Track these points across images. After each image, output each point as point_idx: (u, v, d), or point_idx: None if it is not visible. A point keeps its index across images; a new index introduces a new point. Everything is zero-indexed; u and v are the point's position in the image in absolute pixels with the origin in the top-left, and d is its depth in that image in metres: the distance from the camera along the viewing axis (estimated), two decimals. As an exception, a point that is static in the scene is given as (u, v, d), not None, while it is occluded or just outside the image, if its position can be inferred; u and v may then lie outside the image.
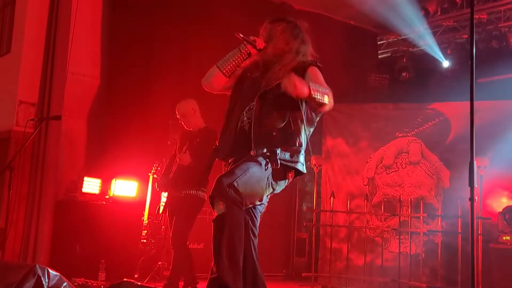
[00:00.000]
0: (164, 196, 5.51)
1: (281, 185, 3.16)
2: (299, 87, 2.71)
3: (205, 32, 7.27)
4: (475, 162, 2.63)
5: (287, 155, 3.07)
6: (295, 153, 3.10)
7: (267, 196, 3.17)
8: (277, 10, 8.01)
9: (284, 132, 3.07)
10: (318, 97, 2.80)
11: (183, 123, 5.42)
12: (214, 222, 2.91)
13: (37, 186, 6.08)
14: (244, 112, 3.14)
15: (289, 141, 3.08)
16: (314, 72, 3.12)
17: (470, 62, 2.56)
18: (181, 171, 5.17)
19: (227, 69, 3.20)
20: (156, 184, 5.53)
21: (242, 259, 2.92)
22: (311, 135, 3.24)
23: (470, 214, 2.55)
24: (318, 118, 3.26)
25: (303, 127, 3.12)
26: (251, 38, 3.16)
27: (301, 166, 3.15)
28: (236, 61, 3.19)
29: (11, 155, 5.92)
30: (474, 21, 2.71)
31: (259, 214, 3.24)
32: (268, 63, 3.22)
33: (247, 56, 3.19)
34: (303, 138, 3.14)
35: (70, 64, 6.48)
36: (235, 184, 2.87)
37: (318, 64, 3.20)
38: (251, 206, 3.09)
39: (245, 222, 3.00)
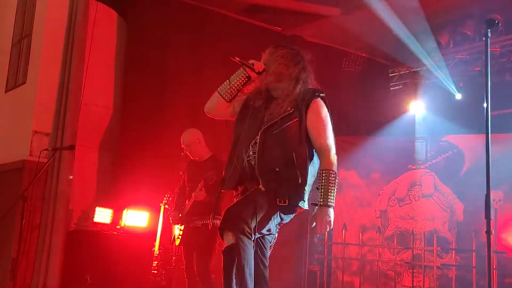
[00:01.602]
0: (179, 228, 5.50)
1: (289, 216, 3.12)
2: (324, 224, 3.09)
3: (217, 62, 7.30)
4: (491, 195, 2.60)
5: (291, 192, 2.99)
6: (299, 189, 2.99)
7: (276, 226, 3.11)
8: (288, 42, 8.07)
9: (287, 168, 3.00)
10: None
11: (188, 153, 5.52)
12: (223, 253, 2.90)
13: (49, 216, 6.07)
14: (250, 146, 3.09)
15: (291, 178, 2.99)
16: (317, 108, 3.06)
17: (485, 94, 2.56)
18: (196, 205, 5.22)
19: (227, 94, 3.18)
20: (170, 218, 5.56)
21: (252, 289, 2.89)
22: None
23: (487, 248, 2.51)
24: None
25: (307, 164, 3.03)
26: (250, 61, 3.12)
27: (302, 203, 3.04)
28: (236, 85, 3.15)
29: (24, 185, 5.94)
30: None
31: (269, 244, 3.20)
32: (270, 90, 3.17)
33: (246, 79, 3.15)
34: (308, 177, 3.02)
35: (84, 95, 6.54)
36: (243, 215, 2.87)
37: (321, 94, 3.13)
38: (260, 236, 3.05)
39: (254, 252, 2.97)
